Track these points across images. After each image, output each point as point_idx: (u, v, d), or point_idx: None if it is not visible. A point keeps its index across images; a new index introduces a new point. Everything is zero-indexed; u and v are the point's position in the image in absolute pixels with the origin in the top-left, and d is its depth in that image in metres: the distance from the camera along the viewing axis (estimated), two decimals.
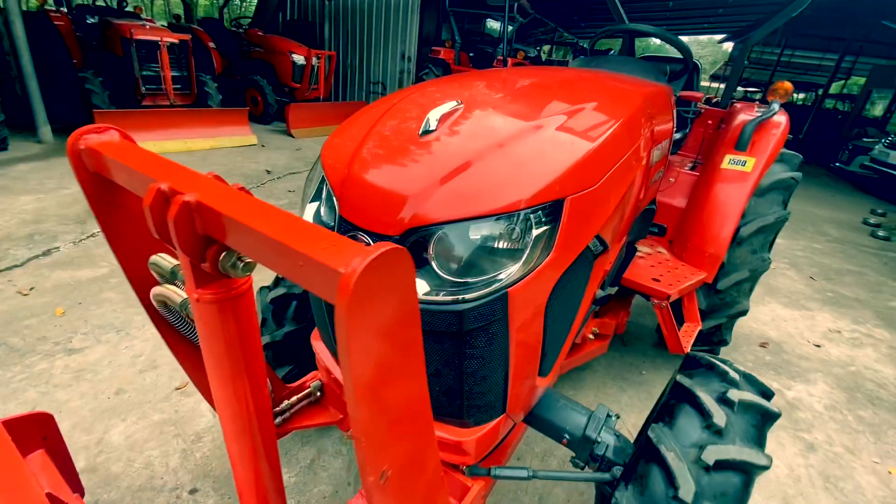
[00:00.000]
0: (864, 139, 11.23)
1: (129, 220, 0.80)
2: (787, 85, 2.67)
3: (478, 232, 0.85)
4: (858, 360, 3.38)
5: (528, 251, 0.87)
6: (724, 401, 1.23)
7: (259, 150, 7.10)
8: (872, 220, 7.24)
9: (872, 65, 15.52)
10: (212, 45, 8.70)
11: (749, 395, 1.25)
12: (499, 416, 1.07)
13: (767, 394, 1.34)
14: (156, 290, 0.82)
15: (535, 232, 0.87)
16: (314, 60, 8.60)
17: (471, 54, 10.08)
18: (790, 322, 3.83)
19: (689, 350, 2.32)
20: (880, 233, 6.63)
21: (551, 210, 0.88)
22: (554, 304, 1.01)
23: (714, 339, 2.74)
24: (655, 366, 2.99)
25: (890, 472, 2.37)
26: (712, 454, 1.10)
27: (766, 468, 1.11)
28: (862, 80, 18.29)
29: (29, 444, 1.35)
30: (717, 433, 1.16)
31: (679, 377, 1.31)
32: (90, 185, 0.73)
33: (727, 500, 1.09)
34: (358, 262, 0.41)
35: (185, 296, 0.78)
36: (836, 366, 3.28)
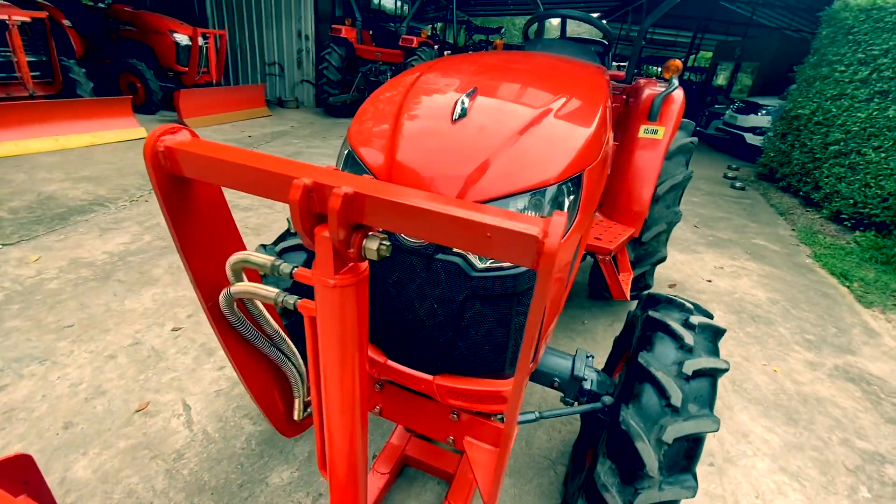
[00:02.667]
0: (716, 105, 13.23)
1: (201, 221, 0.79)
2: (678, 63, 3.13)
3: (525, 203, 0.97)
4: (739, 289, 4.16)
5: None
6: (687, 325, 1.53)
7: None
8: (730, 175, 8.68)
9: (717, 41, 18.13)
10: (66, 22, 7.38)
11: (703, 319, 1.56)
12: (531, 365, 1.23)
13: (710, 316, 1.67)
14: (238, 288, 0.81)
15: (567, 200, 1.01)
16: (201, 40, 7.75)
17: (371, 32, 9.85)
18: (686, 265, 4.54)
19: (629, 296, 2.70)
20: (737, 184, 7.99)
21: (576, 180, 1.03)
22: (572, 261, 1.17)
23: (640, 284, 3.20)
24: (593, 315, 3.40)
25: (775, 371, 3.03)
26: (689, 367, 1.38)
27: (726, 371, 1.42)
28: (709, 55, 21.33)
29: (11, 489, 1.21)
30: (689, 351, 1.44)
31: (651, 313, 1.58)
32: (166, 188, 0.71)
33: (703, 401, 1.38)
34: (550, 226, 0.51)
35: (274, 291, 0.80)
36: (725, 295, 4.00)
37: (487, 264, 0.96)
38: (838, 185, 6.16)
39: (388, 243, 0.63)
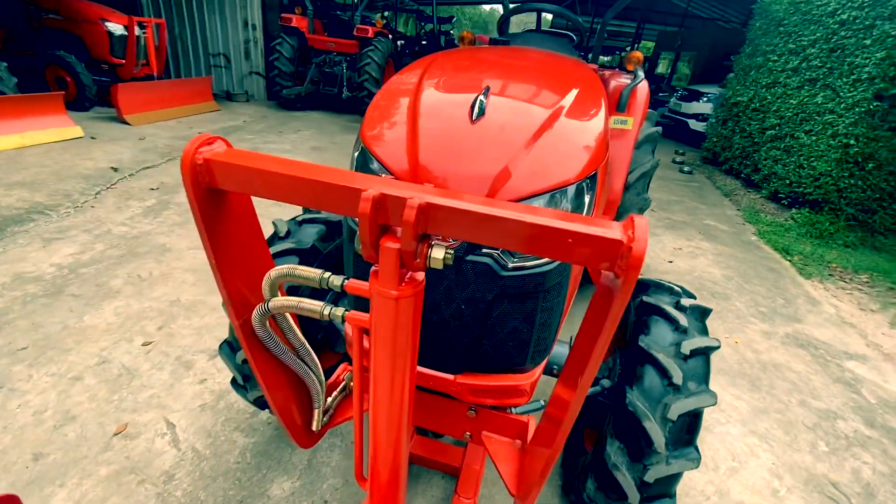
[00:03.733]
0: (660, 94, 13.88)
1: (234, 235, 0.74)
2: (640, 55, 3.26)
3: (545, 203, 0.98)
4: (698, 268, 4.43)
5: (584, 213, 1.04)
6: (679, 308, 1.61)
7: (90, 143, 5.83)
8: (678, 159, 9.18)
9: (658, 31, 18.97)
10: None
11: (691, 301, 1.66)
12: (546, 357, 1.26)
13: (693, 297, 1.78)
14: (278, 302, 0.77)
15: (586, 198, 1.04)
16: (138, 30, 7.17)
17: (324, 21, 9.51)
18: (649, 247, 4.78)
19: None
20: (685, 168, 8.46)
21: (592, 178, 1.06)
22: None
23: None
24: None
25: (737, 342, 3.27)
26: (686, 347, 1.46)
27: (717, 348, 1.52)
28: (651, 44, 22.28)
29: None
30: (684, 332, 1.53)
31: (644, 298, 1.66)
32: (203, 202, 0.66)
33: (700, 377, 1.47)
34: (636, 230, 0.53)
35: (319, 304, 0.77)
36: (686, 274, 4.26)
37: (517, 263, 0.98)
38: (775, 167, 6.67)
39: (452, 251, 0.63)
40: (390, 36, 9.54)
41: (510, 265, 0.98)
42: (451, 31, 20.74)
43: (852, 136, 5.31)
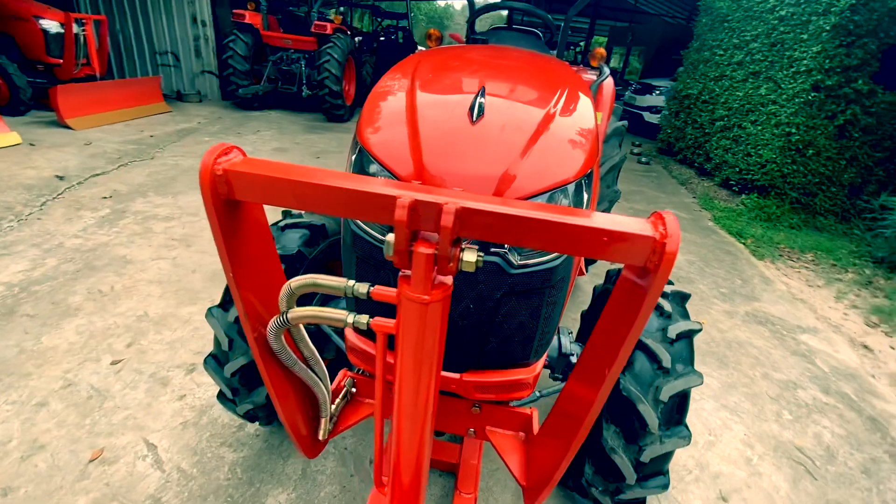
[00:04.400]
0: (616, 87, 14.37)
1: (249, 247, 0.72)
2: (603, 51, 3.37)
3: (545, 201, 1.01)
4: None
5: (584, 209, 1.08)
6: (662, 295, 1.69)
7: (29, 150, 5.40)
8: (636, 150, 9.54)
9: (609, 26, 19.59)
10: None
11: (672, 287, 1.74)
12: (547, 349, 1.29)
13: (671, 283, 1.87)
14: (299, 313, 0.76)
15: (584, 195, 1.07)
16: (76, 28, 6.68)
17: (279, 17, 9.21)
18: None
19: (586, 272, 2.88)
20: (643, 159, 8.82)
21: (589, 176, 1.10)
22: None
23: (587, 261, 3.44)
24: None
25: (703, 322, 3.46)
26: (672, 331, 1.54)
27: (699, 331, 1.61)
28: (603, 39, 22.99)
29: None
30: (668, 317, 1.60)
31: None
32: (221, 214, 0.64)
33: (686, 359, 1.55)
34: (668, 227, 0.55)
35: (344, 313, 0.76)
36: None
37: (524, 260, 0.99)
38: (725, 156, 7.06)
39: (482, 254, 0.64)
40: (349, 32, 9.37)
41: (517, 263, 1.00)
42: (408, 27, 20.57)
43: (793, 124, 5.70)
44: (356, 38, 10.22)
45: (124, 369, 2.36)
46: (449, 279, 0.68)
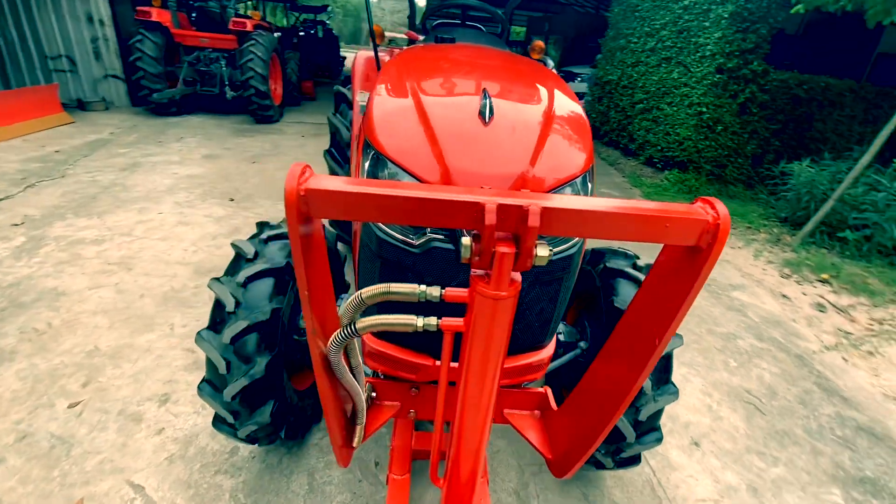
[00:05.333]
0: None
1: (316, 263, 0.72)
2: (542, 43, 3.54)
3: (569, 192, 1.09)
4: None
5: None
6: (636, 268, 1.86)
7: None
8: None
9: (527, 16, 20.27)
10: None
11: (645, 261, 1.91)
12: (556, 331, 1.39)
13: (638, 257, 2.05)
14: (369, 321, 0.77)
15: (589, 185, 1.16)
16: None
17: (193, 15, 8.52)
18: None
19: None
20: None
21: (591, 170, 1.19)
22: None
23: None
24: None
25: None
26: None
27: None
28: (521, 30, 23.73)
29: None
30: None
31: (607, 264, 1.88)
32: (302, 235, 0.64)
33: None
34: (718, 208, 0.64)
35: (414, 318, 0.78)
36: (597, 242, 4.77)
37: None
38: (647, 136, 7.67)
39: (552, 248, 0.69)
40: (270, 28, 8.92)
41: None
42: (328, 21, 19.91)
43: (703, 104, 6.32)
44: (276, 34, 9.73)
45: (86, 411, 2.15)
46: (518, 275, 0.73)
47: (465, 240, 0.71)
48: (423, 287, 0.77)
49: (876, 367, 3.11)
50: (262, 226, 1.90)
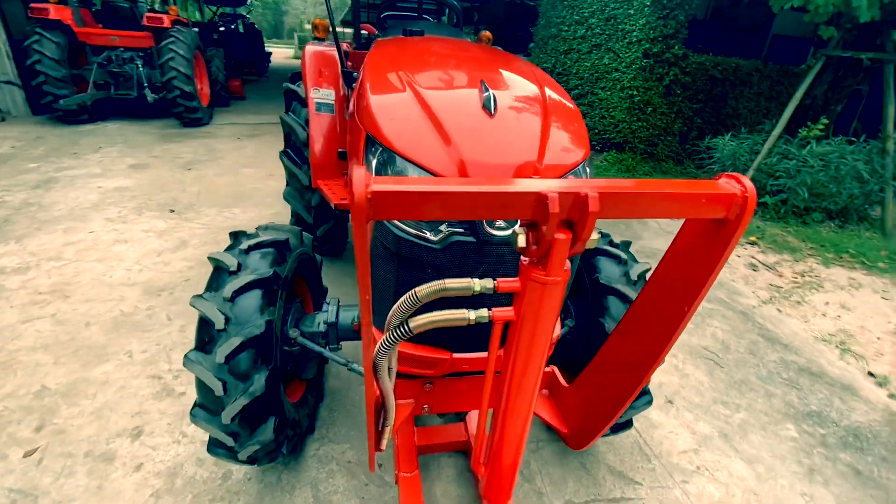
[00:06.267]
0: None
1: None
2: (489, 34, 3.60)
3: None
4: None
5: None
6: (613, 245, 1.97)
7: None
8: None
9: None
10: None
11: (623, 239, 2.03)
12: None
13: (609, 235, 2.17)
14: (424, 319, 0.77)
15: (589, 170, 1.21)
16: None
17: (95, 10, 7.68)
18: None
19: None
20: None
21: (590, 157, 1.24)
22: None
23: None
24: None
25: None
26: (633, 273, 1.82)
27: (649, 269, 1.92)
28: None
29: None
30: (625, 263, 1.88)
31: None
32: (366, 236, 0.62)
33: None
34: (745, 183, 0.71)
35: (465, 311, 0.78)
36: None
37: None
38: (585, 120, 8.03)
39: (599, 231, 0.72)
40: (189, 24, 8.29)
41: None
42: (247, 16, 18.83)
43: (634, 87, 6.73)
44: (195, 30, 9.06)
45: (46, 457, 1.94)
46: (568, 261, 0.76)
47: (518, 229, 0.73)
48: (477, 281, 0.78)
49: (805, 315, 3.53)
50: (237, 235, 1.79)
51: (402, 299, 0.82)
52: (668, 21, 6.30)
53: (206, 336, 1.52)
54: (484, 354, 1.27)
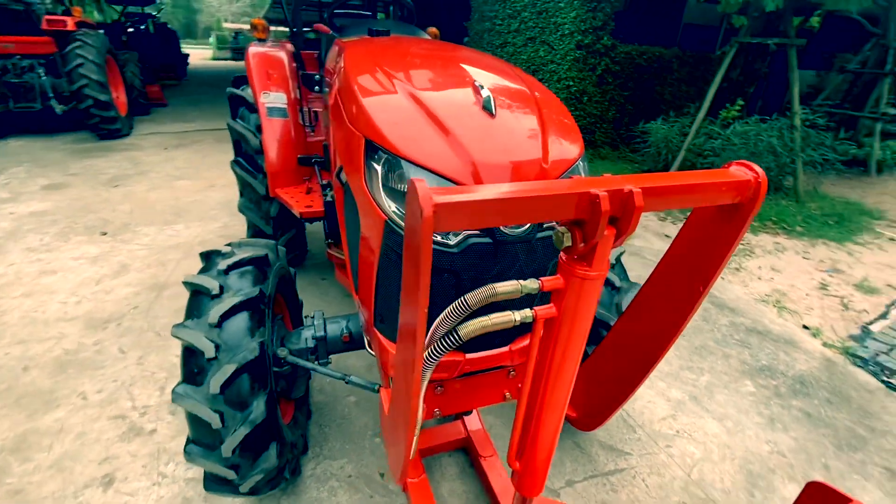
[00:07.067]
0: None
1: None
2: (435, 30, 3.60)
3: (571, 174, 1.16)
4: None
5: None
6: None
7: None
8: None
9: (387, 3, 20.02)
10: None
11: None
12: None
13: None
14: (473, 326, 0.77)
15: (586, 164, 1.26)
16: None
17: None
18: None
19: None
20: None
21: (585, 153, 1.28)
22: None
23: None
24: None
25: None
26: (611, 258, 1.92)
27: (623, 251, 2.03)
28: (380, 15, 23.46)
29: None
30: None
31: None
32: (423, 248, 0.61)
33: (624, 278, 1.95)
34: (756, 169, 0.77)
35: (510, 313, 0.79)
36: None
37: None
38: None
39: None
40: (96, 26, 7.54)
41: None
42: (157, 14, 17.41)
43: (570, 78, 7.01)
44: (100, 31, 8.25)
45: None
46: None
47: (562, 229, 0.75)
48: (523, 282, 0.79)
49: (744, 280, 3.89)
50: (210, 255, 1.68)
51: (449, 308, 0.81)
52: (596, 13, 6.61)
53: (195, 367, 1.41)
54: (493, 352, 1.29)
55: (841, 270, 4.16)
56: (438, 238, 1.03)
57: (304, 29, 3.14)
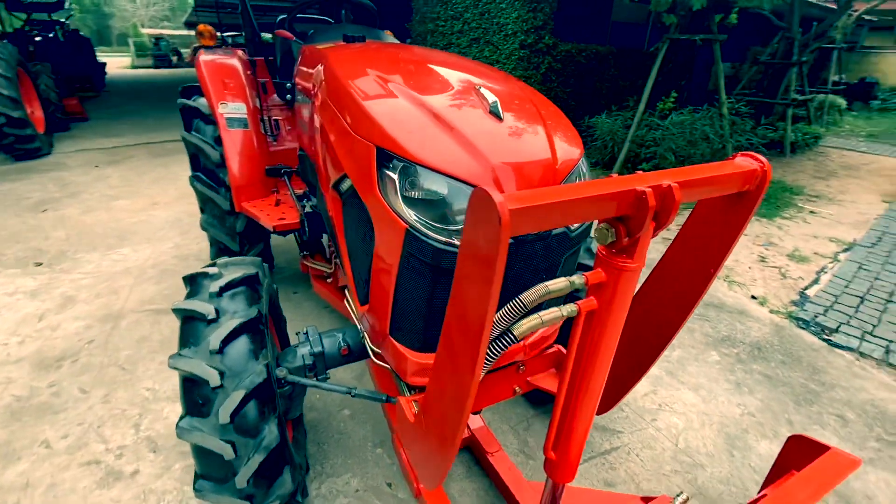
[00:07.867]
0: None
1: None
2: (390, 33, 3.59)
3: (574, 173, 1.22)
4: None
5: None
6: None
7: None
8: None
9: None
10: None
11: None
12: None
13: None
14: (528, 324, 0.81)
15: (585, 163, 1.31)
16: None
17: None
18: None
19: None
20: None
21: (584, 152, 1.34)
22: None
23: None
24: None
25: None
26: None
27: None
28: None
29: None
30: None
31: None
32: (503, 255, 0.63)
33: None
34: (753, 160, 0.86)
35: (558, 308, 0.81)
36: None
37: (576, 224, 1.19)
38: None
39: None
40: (2, 36, 6.79)
41: (574, 227, 1.20)
42: (67, 22, 15.96)
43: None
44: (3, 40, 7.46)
45: None
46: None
47: (603, 225, 0.79)
48: (572, 279, 0.82)
49: None
50: (195, 279, 1.59)
51: (505, 308, 0.83)
52: (536, 14, 6.85)
53: (198, 398, 1.33)
54: (508, 348, 1.32)
55: (774, 244, 4.60)
56: (455, 241, 1.05)
57: (265, 35, 3.03)
